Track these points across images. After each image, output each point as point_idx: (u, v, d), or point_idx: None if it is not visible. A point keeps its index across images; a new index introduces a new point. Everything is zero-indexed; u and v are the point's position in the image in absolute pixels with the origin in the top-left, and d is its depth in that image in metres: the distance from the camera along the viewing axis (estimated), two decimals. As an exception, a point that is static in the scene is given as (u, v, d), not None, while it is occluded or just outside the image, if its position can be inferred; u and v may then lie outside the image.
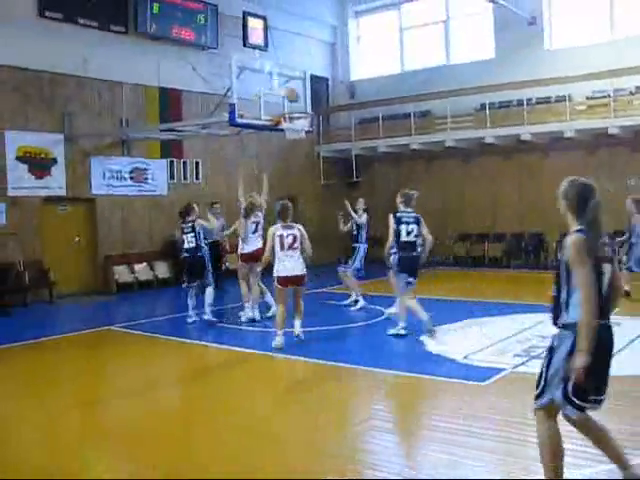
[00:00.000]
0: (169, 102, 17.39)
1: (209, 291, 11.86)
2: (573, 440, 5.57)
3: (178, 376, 8.96)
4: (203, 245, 11.89)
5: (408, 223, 10.02)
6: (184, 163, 18.31)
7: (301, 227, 9.87)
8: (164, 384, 8.53)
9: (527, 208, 19.67)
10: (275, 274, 9.65)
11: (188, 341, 10.55)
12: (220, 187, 18.83)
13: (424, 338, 9.91)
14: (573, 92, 18.09)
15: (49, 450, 6.10)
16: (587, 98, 18.30)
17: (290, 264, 9.58)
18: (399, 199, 10.25)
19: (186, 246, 11.80)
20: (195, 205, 12.12)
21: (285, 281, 9.63)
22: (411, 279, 10.06)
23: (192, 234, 11.72)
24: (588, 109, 18.04)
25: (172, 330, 11.46)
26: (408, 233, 9.98)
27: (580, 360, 4.07)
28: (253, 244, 11.58)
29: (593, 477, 5.01)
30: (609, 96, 17.48)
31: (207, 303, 11.82)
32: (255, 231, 11.66)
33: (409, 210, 10.13)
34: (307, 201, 21.36)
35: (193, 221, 11.78)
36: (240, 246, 11.82)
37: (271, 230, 9.67)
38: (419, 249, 10.11)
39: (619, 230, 18.32)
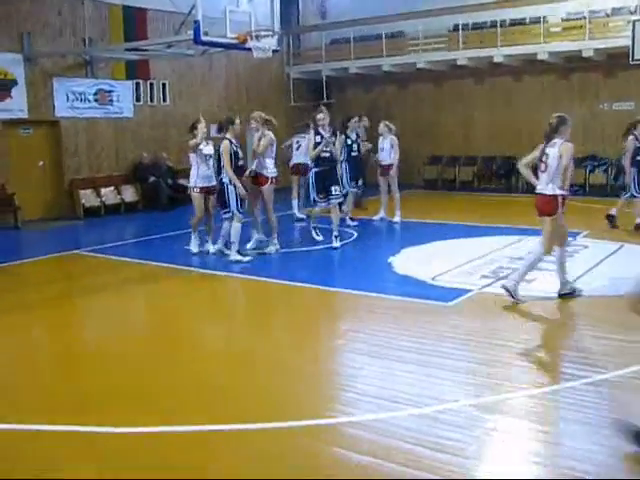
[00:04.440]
0: (134, 21, 16.77)
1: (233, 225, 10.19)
2: (569, 352, 5.64)
3: (146, 299, 8.89)
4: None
5: None
6: (150, 84, 17.81)
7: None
8: (132, 306, 8.47)
9: (499, 131, 19.55)
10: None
11: (157, 264, 10.42)
12: (188, 109, 18.44)
13: (392, 260, 9.92)
14: (548, 14, 17.77)
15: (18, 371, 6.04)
16: (562, 20, 18.01)
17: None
18: None
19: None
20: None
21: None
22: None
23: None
24: (563, 31, 17.76)
25: (140, 253, 11.36)
26: None
27: None
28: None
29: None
30: (584, 18, 17.19)
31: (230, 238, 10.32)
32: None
33: None
34: (277, 122, 20.95)
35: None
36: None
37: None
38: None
39: (590, 154, 18.44)
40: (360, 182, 13.15)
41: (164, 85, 18.11)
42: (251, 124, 11.03)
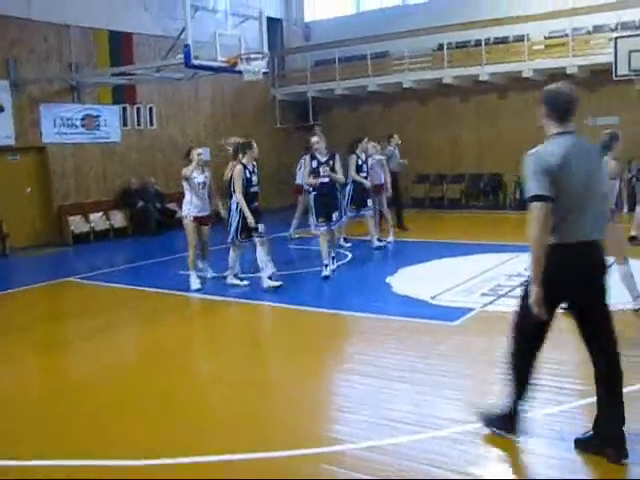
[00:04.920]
0: (120, 45, 16.73)
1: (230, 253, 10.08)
2: (549, 376, 5.61)
3: (141, 326, 8.77)
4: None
5: None
6: (137, 109, 17.76)
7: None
8: (127, 334, 8.35)
9: (485, 149, 19.67)
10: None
11: (151, 290, 10.32)
12: (175, 133, 18.47)
13: (390, 280, 9.89)
14: (531, 32, 17.95)
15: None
16: (545, 37, 18.21)
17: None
18: None
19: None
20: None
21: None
22: None
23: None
24: (546, 49, 17.96)
25: (133, 279, 11.24)
26: None
27: None
28: None
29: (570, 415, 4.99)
30: (567, 35, 17.39)
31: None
32: None
33: None
34: (262, 145, 20.93)
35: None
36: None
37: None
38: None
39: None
40: (369, 204, 12.54)
41: (151, 109, 18.07)
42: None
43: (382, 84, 20.14)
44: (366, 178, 12.51)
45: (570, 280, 4.17)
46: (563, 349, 6.45)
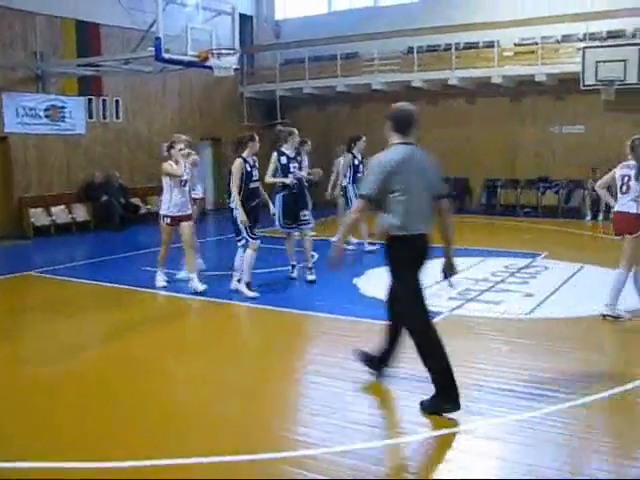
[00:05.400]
0: (87, 36, 16.46)
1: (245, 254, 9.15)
2: (524, 383, 5.59)
3: (104, 323, 8.59)
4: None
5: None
6: (103, 101, 17.48)
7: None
8: (89, 331, 8.17)
9: (452, 153, 19.66)
10: None
11: (114, 286, 10.12)
12: (142, 127, 18.24)
13: (357, 281, 9.83)
14: (501, 38, 18.08)
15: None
16: (515, 45, 18.35)
17: None
18: None
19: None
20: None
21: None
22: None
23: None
24: (515, 56, 18.11)
25: (95, 274, 11.02)
26: None
27: None
28: None
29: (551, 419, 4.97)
30: (536, 43, 17.55)
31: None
32: None
33: None
34: (230, 142, 20.85)
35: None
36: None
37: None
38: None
39: (542, 176, 18.76)
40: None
41: (117, 102, 17.81)
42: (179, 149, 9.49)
43: (351, 85, 20.15)
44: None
45: (415, 260, 5.23)
46: (537, 357, 6.48)
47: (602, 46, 16.60)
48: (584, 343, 6.88)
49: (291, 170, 9.80)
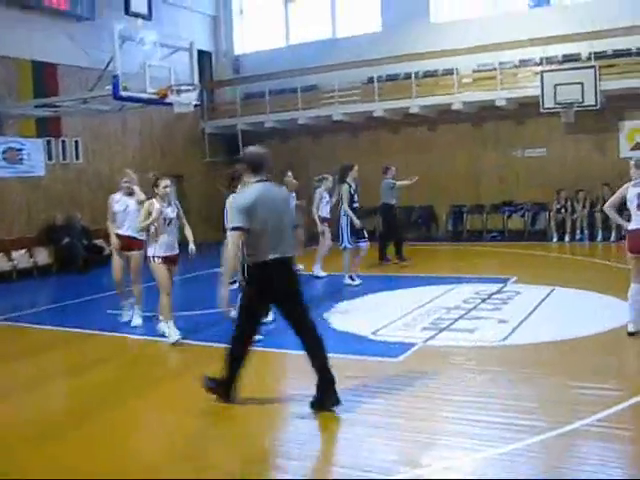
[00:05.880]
0: (44, 76, 16.19)
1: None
2: (504, 414, 5.45)
3: (67, 367, 8.30)
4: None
5: None
6: (62, 142, 17.21)
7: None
8: (54, 376, 7.87)
9: (417, 181, 19.73)
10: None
11: (79, 331, 9.79)
12: (102, 167, 17.96)
13: (327, 315, 9.63)
14: (460, 65, 18.20)
15: None
16: (473, 71, 18.50)
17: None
18: None
19: None
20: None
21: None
22: None
23: None
24: (475, 82, 18.28)
25: (59, 320, 10.68)
26: None
27: None
28: None
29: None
30: (495, 69, 17.72)
31: None
32: None
33: None
34: (192, 179, 20.77)
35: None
36: None
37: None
38: None
39: (507, 200, 18.84)
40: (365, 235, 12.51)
41: (77, 142, 17.55)
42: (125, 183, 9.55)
43: (312, 117, 20.13)
44: (357, 209, 12.60)
45: (270, 287, 5.78)
46: (515, 385, 6.35)
47: (559, 69, 16.83)
48: (561, 368, 6.76)
49: None
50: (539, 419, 5.32)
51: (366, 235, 12.47)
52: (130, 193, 9.61)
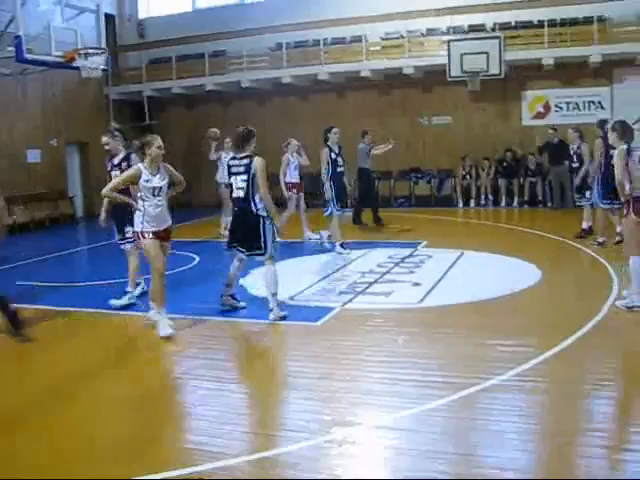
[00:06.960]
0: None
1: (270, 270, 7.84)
2: (427, 372, 5.62)
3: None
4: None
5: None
6: (-43, 107, 16.45)
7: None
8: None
9: (323, 148, 19.83)
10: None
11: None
12: (2, 134, 17.24)
13: (243, 281, 9.59)
14: (368, 33, 18.30)
15: None
16: (382, 39, 18.65)
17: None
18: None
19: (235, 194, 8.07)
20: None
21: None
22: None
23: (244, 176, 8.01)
24: (383, 50, 18.43)
25: None
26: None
27: None
28: None
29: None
30: (402, 37, 17.92)
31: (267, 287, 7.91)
32: None
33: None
34: (97, 147, 20.11)
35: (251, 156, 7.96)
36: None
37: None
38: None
39: (414, 167, 19.18)
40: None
41: (-27, 107, 16.79)
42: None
43: (220, 83, 19.90)
44: (343, 173, 12.63)
45: None
46: (435, 345, 6.55)
47: (466, 39, 17.17)
48: (477, 328, 7.01)
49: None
50: (460, 376, 5.53)
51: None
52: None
